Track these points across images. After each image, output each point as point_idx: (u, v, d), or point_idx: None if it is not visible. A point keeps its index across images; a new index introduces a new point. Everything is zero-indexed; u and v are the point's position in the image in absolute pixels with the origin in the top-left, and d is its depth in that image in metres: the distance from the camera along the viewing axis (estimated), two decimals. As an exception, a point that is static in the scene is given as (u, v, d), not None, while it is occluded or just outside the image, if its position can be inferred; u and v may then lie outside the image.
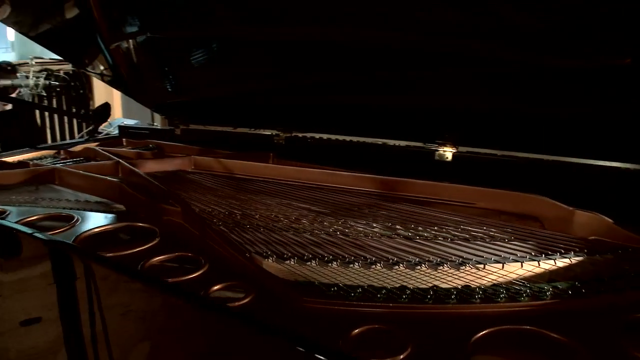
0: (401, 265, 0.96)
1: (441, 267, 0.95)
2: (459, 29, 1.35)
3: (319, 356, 0.63)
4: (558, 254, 0.99)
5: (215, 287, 0.90)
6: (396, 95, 1.65)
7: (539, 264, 0.95)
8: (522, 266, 0.94)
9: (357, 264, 0.97)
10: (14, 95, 3.16)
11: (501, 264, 0.95)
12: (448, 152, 1.55)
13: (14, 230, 1.12)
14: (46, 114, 3.44)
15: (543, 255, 0.98)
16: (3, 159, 1.83)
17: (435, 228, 1.20)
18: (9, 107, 3.12)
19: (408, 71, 1.55)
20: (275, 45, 1.76)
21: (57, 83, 3.20)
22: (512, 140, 1.46)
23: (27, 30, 1.91)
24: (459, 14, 1.32)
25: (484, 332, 0.72)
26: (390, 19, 1.43)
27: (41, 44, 2.01)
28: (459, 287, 0.87)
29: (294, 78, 1.86)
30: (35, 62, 3.29)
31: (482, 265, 0.95)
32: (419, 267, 0.95)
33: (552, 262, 0.96)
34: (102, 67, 2.20)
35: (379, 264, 0.97)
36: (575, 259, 0.97)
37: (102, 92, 3.76)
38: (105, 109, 2.18)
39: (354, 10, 1.48)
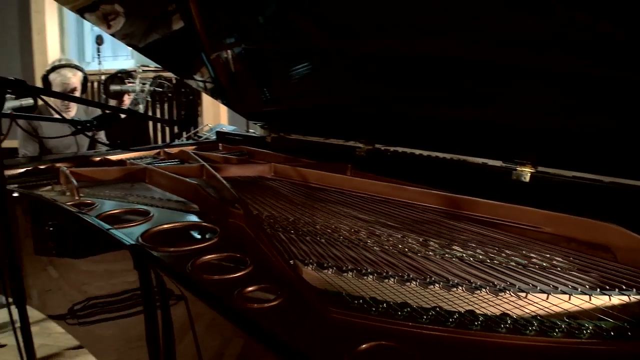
0: (437, 285, 0.93)
1: (478, 292, 0.90)
2: (542, 42, 1.28)
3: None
4: (617, 289, 0.89)
5: (251, 288, 0.94)
6: (479, 110, 1.60)
7: (590, 299, 0.86)
8: (569, 299, 0.87)
9: (392, 279, 0.96)
10: (127, 100, 3.53)
11: (546, 295, 0.88)
12: (526, 172, 1.47)
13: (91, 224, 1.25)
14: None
15: (598, 290, 0.90)
16: (108, 157, 2.05)
17: (495, 250, 1.14)
18: (127, 102, 3.47)
19: (492, 86, 1.50)
20: (362, 58, 1.79)
21: (160, 89, 3.50)
22: (595, 162, 1.34)
23: (136, 43, 2.11)
24: (540, 25, 1.25)
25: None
26: (474, 32, 1.40)
27: (147, 56, 2.20)
28: (489, 314, 0.82)
29: (379, 91, 1.87)
30: (142, 70, 3.62)
31: (523, 294, 0.88)
32: (455, 289, 0.92)
33: (606, 298, 0.87)
34: (204, 77, 2.36)
35: (414, 282, 0.94)
36: (635, 297, 0.87)
37: (210, 98, 3.97)
38: (190, 116, 2.34)
39: (438, 23, 1.46)
